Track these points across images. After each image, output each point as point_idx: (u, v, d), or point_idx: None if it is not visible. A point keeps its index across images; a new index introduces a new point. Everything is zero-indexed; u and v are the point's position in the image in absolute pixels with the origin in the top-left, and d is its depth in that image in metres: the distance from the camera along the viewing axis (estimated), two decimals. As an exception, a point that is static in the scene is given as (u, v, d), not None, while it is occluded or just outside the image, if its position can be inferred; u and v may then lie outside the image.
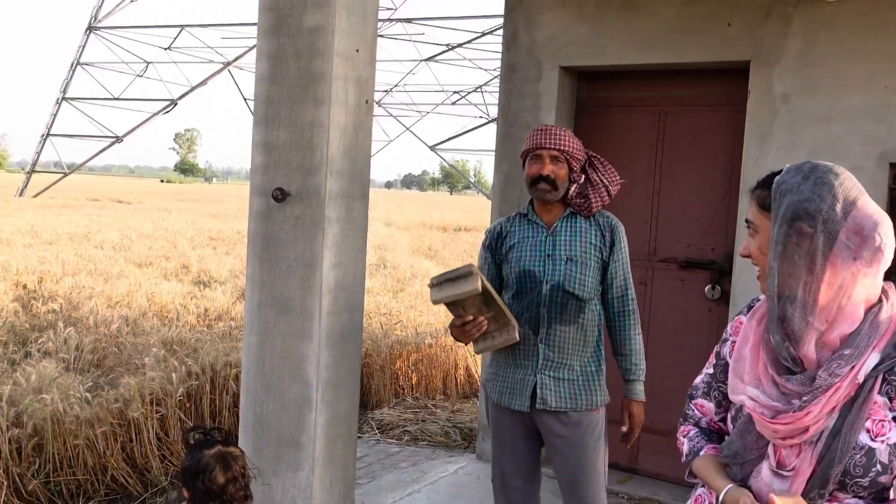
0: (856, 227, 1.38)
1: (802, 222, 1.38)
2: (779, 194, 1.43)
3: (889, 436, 1.37)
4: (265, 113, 2.91)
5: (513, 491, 2.85)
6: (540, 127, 2.76)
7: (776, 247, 1.42)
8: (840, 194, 1.39)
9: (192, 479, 2.01)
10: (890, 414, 1.38)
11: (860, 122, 3.73)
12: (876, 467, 1.38)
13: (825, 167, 1.42)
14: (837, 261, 1.38)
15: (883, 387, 1.39)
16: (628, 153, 4.40)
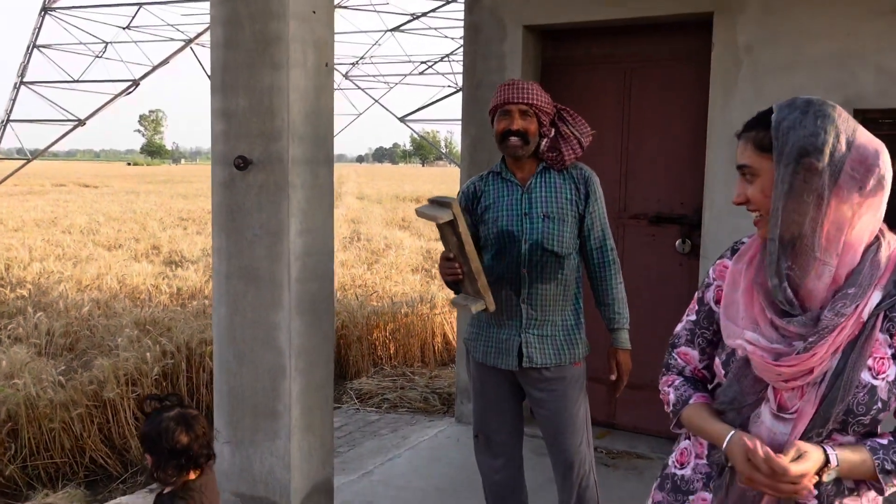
0: (860, 158, 1.37)
1: (810, 158, 1.36)
2: (781, 133, 1.39)
3: (888, 373, 1.39)
4: (222, 80, 2.85)
5: (497, 445, 2.87)
6: (507, 82, 2.71)
7: (782, 186, 1.38)
8: (842, 126, 1.37)
9: (154, 442, 2.00)
10: (889, 351, 1.39)
11: (823, 70, 3.74)
12: (877, 405, 1.39)
13: (819, 101, 1.40)
14: (843, 193, 1.37)
15: (885, 324, 1.40)
16: (595, 111, 4.38)
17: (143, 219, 18.09)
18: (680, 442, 1.70)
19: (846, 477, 1.42)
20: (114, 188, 35.18)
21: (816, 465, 1.38)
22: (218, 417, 2.99)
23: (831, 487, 1.44)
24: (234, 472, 2.95)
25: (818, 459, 1.38)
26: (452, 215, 2.42)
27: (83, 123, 19.58)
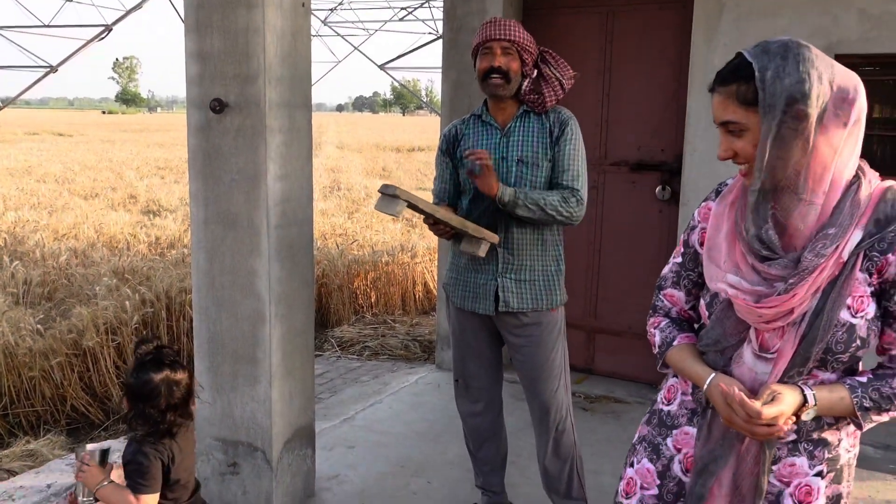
0: (842, 95, 1.37)
1: (799, 105, 1.35)
2: (767, 84, 1.36)
3: (868, 311, 1.40)
4: (196, 19, 2.77)
5: (476, 390, 2.89)
6: (489, 19, 2.66)
7: (770, 136, 1.37)
8: (822, 67, 1.36)
9: (136, 397, 2.00)
10: (868, 289, 1.40)
11: (806, 14, 3.71)
12: (856, 342, 1.41)
13: (794, 43, 1.38)
14: (829, 132, 1.37)
15: (864, 263, 1.40)
16: (576, 56, 4.33)
17: (119, 168, 17.84)
18: (668, 380, 1.72)
19: (825, 415, 1.44)
20: (88, 137, 34.54)
21: (792, 407, 1.40)
22: (198, 363, 2.99)
23: (811, 423, 1.47)
24: (216, 417, 2.96)
25: (793, 401, 1.40)
26: (404, 203, 2.40)
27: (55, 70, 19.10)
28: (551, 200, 2.58)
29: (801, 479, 1.48)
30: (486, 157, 2.51)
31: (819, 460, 1.48)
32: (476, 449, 2.97)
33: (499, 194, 2.54)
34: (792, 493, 1.47)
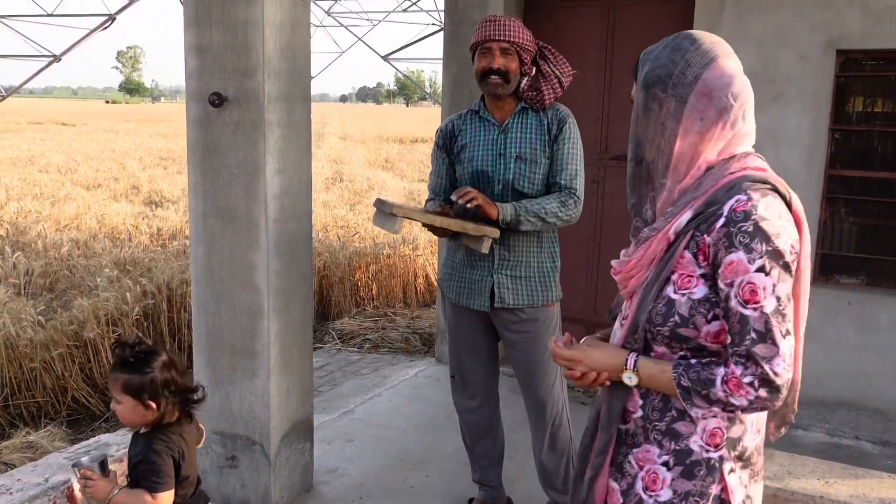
0: (705, 90, 1.40)
1: (656, 88, 1.43)
2: (641, 63, 1.49)
3: (694, 291, 1.39)
4: (196, 13, 2.77)
5: (473, 385, 2.90)
6: (488, 18, 2.65)
7: (635, 113, 1.48)
8: (694, 58, 1.41)
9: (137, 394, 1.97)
10: (698, 270, 1.39)
11: (807, 9, 3.69)
12: (674, 318, 1.41)
13: (685, 34, 1.46)
14: (687, 123, 1.41)
15: (689, 243, 1.40)
16: (578, 50, 4.32)
17: (122, 158, 17.85)
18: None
19: (647, 386, 1.46)
20: (92, 126, 34.55)
21: (602, 362, 1.49)
22: (197, 357, 3.00)
23: (657, 410, 1.47)
24: (214, 410, 2.97)
25: (606, 357, 1.49)
26: (402, 219, 2.44)
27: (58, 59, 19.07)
28: (551, 208, 2.60)
29: (650, 465, 1.49)
30: (472, 195, 2.52)
31: (666, 450, 1.47)
32: (473, 444, 2.98)
33: (500, 217, 2.57)
34: (643, 478, 1.50)
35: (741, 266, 1.34)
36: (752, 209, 1.34)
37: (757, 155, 1.47)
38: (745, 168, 1.42)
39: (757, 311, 1.33)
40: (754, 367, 1.34)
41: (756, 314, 1.33)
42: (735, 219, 1.35)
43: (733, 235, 1.34)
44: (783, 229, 1.35)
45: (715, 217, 1.38)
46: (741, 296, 1.34)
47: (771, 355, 1.33)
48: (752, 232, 1.33)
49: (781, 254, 1.34)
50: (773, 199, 1.38)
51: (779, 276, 1.34)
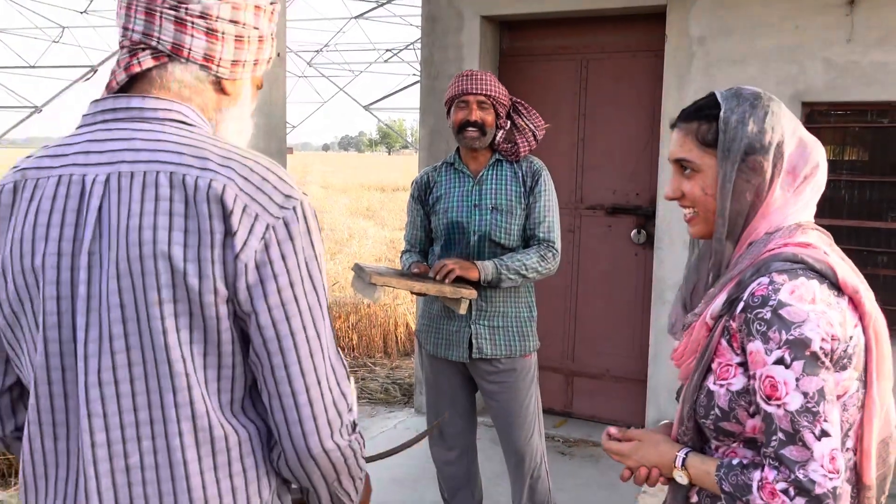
0: (794, 160, 1.33)
1: (757, 156, 1.31)
2: (730, 128, 1.32)
3: (732, 381, 1.28)
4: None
5: (451, 437, 2.88)
6: (464, 73, 2.72)
7: (728, 185, 1.32)
8: (787, 123, 1.34)
9: None
10: (735, 359, 1.27)
11: (774, 63, 3.80)
12: (714, 411, 1.30)
13: (767, 95, 1.36)
14: (778, 191, 1.33)
15: (724, 329, 1.29)
16: (552, 102, 4.41)
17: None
18: None
19: (697, 484, 1.35)
20: (72, 177, 34.41)
21: (649, 458, 1.39)
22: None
23: (706, 501, 1.36)
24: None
25: (655, 453, 1.39)
26: (381, 287, 2.47)
27: (39, 110, 19.12)
28: (531, 264, 2.64)
29: None
30: (448, 267, 2.54)
31: None
32: (450, 497, 2.95)
33: (482, 278, 2.59)
34: None
35: (759, 357, 1.22)
36: (771, 294, 1.22)
37: (814, 227, 1.34)
38: (787, 244, 1.29)
39: (780, 408, 1.20)
40: (787, 472, 1.20)
41: (780, 412, 1.20)
42: (752, 304, 1.24)
43: (751, 322, 1.23)
44: (813, 315, 1.20)
45: (738, 301, 1.27)
46: (763, 391, 1.22)
47: (804, 459, 1.19)
48: (769, 319, 1.21)
49: (806, 343, 1.19)
50: (807, 282, 1.23)
51: (804, 369, 1.19)
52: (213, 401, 1.04)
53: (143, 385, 1.01)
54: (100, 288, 1.01)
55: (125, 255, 1.00)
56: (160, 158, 1.03)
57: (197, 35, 1.09)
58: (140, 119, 1.07)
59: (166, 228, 0.99)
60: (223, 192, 1.00)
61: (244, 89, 1.19)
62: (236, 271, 1.00)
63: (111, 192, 1.02)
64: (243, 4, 1.12)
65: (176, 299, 0.99)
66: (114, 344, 1.00)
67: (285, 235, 1.03)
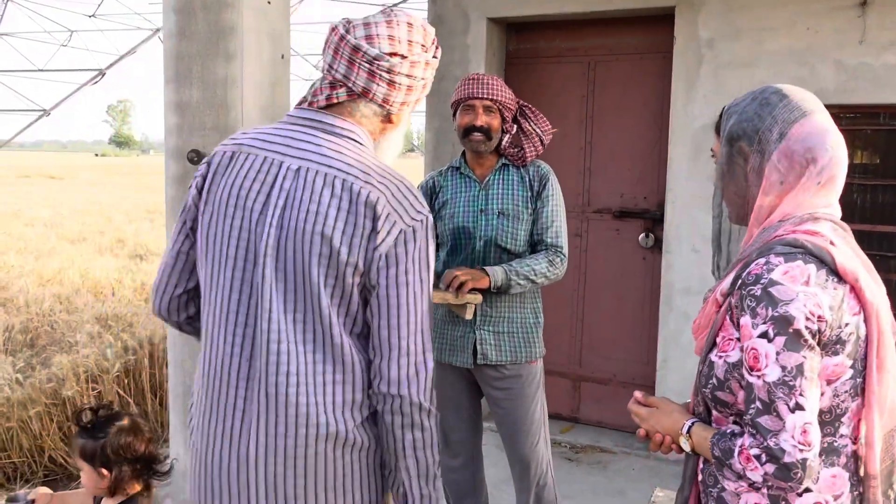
0: (787, 151, 1.36)
1: (741, 142, 1.40)
2: (725, 117, 1.45)
3: (730, 354, 1.35)
4: (176, 70, 2.78)
5: (455, 444, 2.84)
6: (471, 76, 2.68)
7: (721, 167, 1.45)
8: (780, 115, 1.37)
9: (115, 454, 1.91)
10: (735, 334, 1.35)
11: (784, 66, 3.76)
12: (712, 381, 1.37)
13: (773, 88, 1.42)
14: (767, 183, 1.38)
15: (729, 307, 1.37)
16: (559, 105, 4.37)
17: (108, 211, 17.81)
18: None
19: (699, 452, 1.42)
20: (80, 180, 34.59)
21: (660, 422, 1.47)
22: (173, 417, 2.93)
23: (710, 473, 1.43)
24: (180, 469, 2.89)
25: (667, 419, 1.47)
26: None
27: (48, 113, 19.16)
28: (540, 269, 2.61)
29: None
30: (460, 278, 2.50)
31: None
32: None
33: (492, 284, 2.56)
34: None
35: (747, 331, 1.30)
36: (765, 273, 1.29)
37: (829, 219, 1.38)
38: (794, 232, 1.35)
39: (760, 379, 1.28)
40: (761, 439, 1.27)
41: (759, 382, 1.28)
42: (747, 281, 1.31)
43: (743, 298, 1.31)
44: (802, 296, 1.26)
45: (738, 279, 1.35)
46: (747, 361, 1.30)
47: (776, 429, 1.26)
48: (759, 296, 1.29)
49: (789, 321, 1.26)
50: (803, 265, 1.29)
51: (785, 344, 1.26)
52: (345, 332, 1.43)
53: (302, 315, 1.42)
54: (278, 245, 1.41)
55: (302, 228, 1.40)
56: (339, 167, 1.42)
57: (381, 84, 1.47)
58: (330, 133, 1.47)
59: (333, 217, 1.39)
60: (377, 201, 1.40)
61: (404, 117, 1.57)
62: (373, 257, 1.40)
63: (299, 180, 1.42)
64: (419, 64, 1.50)
65: (329, 265, 1.39)
66: (286, 285, 1.41)
67: (411, 238, 1.42)
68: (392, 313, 1.41)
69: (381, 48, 1.46)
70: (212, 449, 1.44)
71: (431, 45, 1.54)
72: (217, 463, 1.43)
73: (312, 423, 1.39)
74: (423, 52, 1.51)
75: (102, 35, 24.92)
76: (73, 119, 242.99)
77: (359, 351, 1.44)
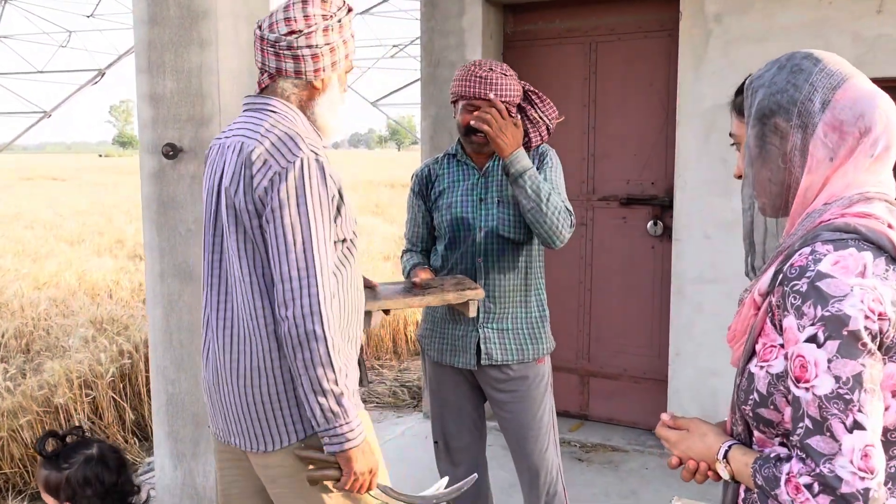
0: (835, 121, 1.15)
1: (776, 118, 1.19)
2: (751, 92, 1.23)
3: (772, 363, 1.15)
4: (148, 60, 2.60)
5: (457, 451, 2.66)
6: (474, 70, 2.42)
7: (751, 150, 1.23)
8: (818, 81, 1.17)
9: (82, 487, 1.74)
10: (779, 339, 1.15)
11: (797, 39, 3.55)
12: (753, 396, 1.17)
13: (804, 53, 1.21)
14: (813, 161, 1.17)
15: (770, 307, 1.17)
16: (560, 88, 4.17)
17: (109, 211, 17.68)
18: None
19: (739, 480, 1.21)
20: (83, 181, 34.50)
21: (687, 447, 1.27)
22: (157, 429, 2.77)
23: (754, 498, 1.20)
24: (176, 487, 2.73)
25: (699, 444, 1.26)
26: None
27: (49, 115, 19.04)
28: (555, 201, 2.34)
29: None
30: (492, 111, 2.31)
31: None
32: (459, 514, 2.73)
33: (510, 158, 2.32)
34: None
35: (791, 334, 1.09)
36: (811, 264, 1.09)
37: (883, 198, 1.16)
38: (844, 214, 1.14)
39: (808, 391, 1.07)
40: (812, 464, 1.07)
41: (808, 396, 1.07)
42: (790, 276, 1.11)
43: (786, 296, 1.10)
44: (858, 290, 1.05)
45: (779, 273, 1.14)
46: (793, 371, 1.09)
47: (831, 453, 1.05)
48: (805, 292, 1.08)
49: (844, 321, 1.05)
50: (857, 253, 1.09)
51: (839, 350, 1.05)
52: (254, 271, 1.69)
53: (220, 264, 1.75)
54: (217, 208, 1.73)
55: (218, 188, 1.72)
56: (243, 133, 1.69)
57: (286, 60, 1.70)
58: (253, 109, 1.74)
59: (231, 173, 1.67)
60: (252, 150, 1.62)
61: (331, 83, 1.77)
62: (255, 199, 1.62)
63: (227, 152, 1.70)
64: (314, 32, 1.68)
65: (228, 213, 1.67)
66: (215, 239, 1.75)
67: (284, 178, 1.59)
68: (274, 244, 1.58)
69: (279, 31, 1.68)
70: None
71: (337, 10, 1.71)
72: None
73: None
74: (325, 20, 1.68)
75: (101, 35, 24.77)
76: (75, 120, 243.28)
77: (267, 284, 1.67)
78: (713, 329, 3.80)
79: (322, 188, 1.61)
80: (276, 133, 1.63)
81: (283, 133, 1.63)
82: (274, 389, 1.67)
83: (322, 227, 1.61)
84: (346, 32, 1.73)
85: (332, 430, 1.60)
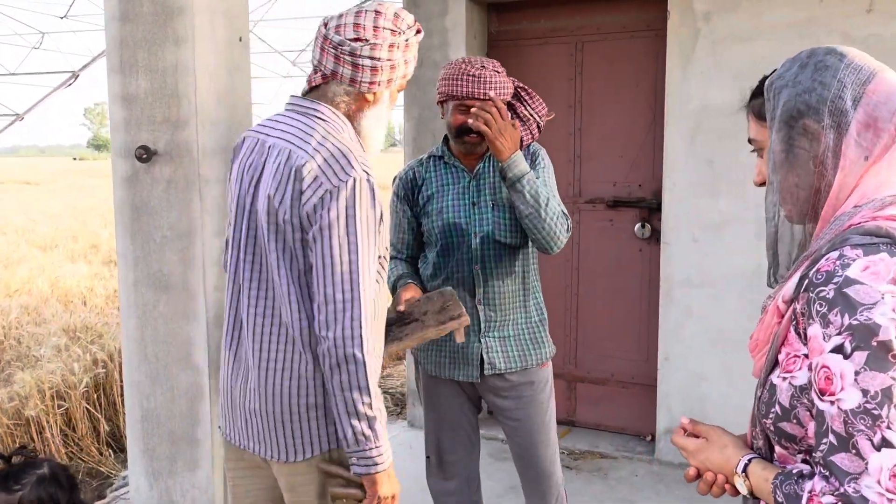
0: (868, 119, 1.08)
1: (806, 119, 1.11)
2: (774, 93, 1.16)
3: (796, 375, 1.09)
4: (120, 59, 2.48)
5: (450, 466, 2.57)
6: (462, 67, 2.32)
7: (776, 156, 1.15)
8: (847, 77, 1.10)
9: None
10: (803, 349, 1.09)
11: (786, 38, 3.50)
12: (775, 409, 1.11)
13: (825, 49, 1.14)
14: (846, 162, 1.09)
15: (794, 315, 1.11)
16: (545, 89, 4.08)
17: (84, 216, 17.37)
18: None
19: (758, 495, 1.15)
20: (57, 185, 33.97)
21: (705, 458, 1.21)
22: (132, 446, 2.64)
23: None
24: (154, 502, 2.61)
25: (718, 455, 1.20)
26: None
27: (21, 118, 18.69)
28: (553, 206, 2.26)
29: None
30: (492, 111, 2.22)
31: None
32: (449, 531, 2.63)
33: (508, 162, 2.21)
34: None
35: (816, 343, 1.03)
36: (838, 269, 1.02)
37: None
38: (876, 218, 1.06)
39: (834, 405, 1.00)
40: (836, 483, 1.00)
41: (833, 410, 1.00)
42: (815, 281, 1.04)
43: (811, 303, 1.04)
44: (890, 298, 0.99)
45: (805, 279, 1.08)
46: (817, 383, 1.02)
47: (856, 472, 0.98)
48: (831, 299, 1.01)
49: (874, 331, 0.98)
50: (889, 258, 1.02)
51: (867, 362, 0.98)
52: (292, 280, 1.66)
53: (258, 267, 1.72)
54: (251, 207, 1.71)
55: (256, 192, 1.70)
56: (290, 139, 1.67)
57: (345, 66, 1.68)
58: (301, 112, 1.72)
59: (275, 182, 1.65)
60: (304, 164, 1.60)
61: (382, 97, 1.75)
62: (302, 214, 1.60)
63: (272, 153, 1.67)
64: (379, 45, 1.66)
65: (269, 222, 1.65)
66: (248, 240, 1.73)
67: (336, 197, 1.57)
68: (319, 263, 1.56)
69: (345, 35, 1.66)
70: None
71: (407, 29, 1.71)
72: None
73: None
74: (393, 36, 1.67)
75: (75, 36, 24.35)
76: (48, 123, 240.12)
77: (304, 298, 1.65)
78: (701, 333, 3.74)
79: (371, 210, 1.60)
80: (329, 148, 1.61)
81: (336, 149, 1.60)
82: (311, 401, 1.66)
83: (368, 250, 1.59)
84: (410, 53, 1.73)
85: (362, 453, 1.58)
